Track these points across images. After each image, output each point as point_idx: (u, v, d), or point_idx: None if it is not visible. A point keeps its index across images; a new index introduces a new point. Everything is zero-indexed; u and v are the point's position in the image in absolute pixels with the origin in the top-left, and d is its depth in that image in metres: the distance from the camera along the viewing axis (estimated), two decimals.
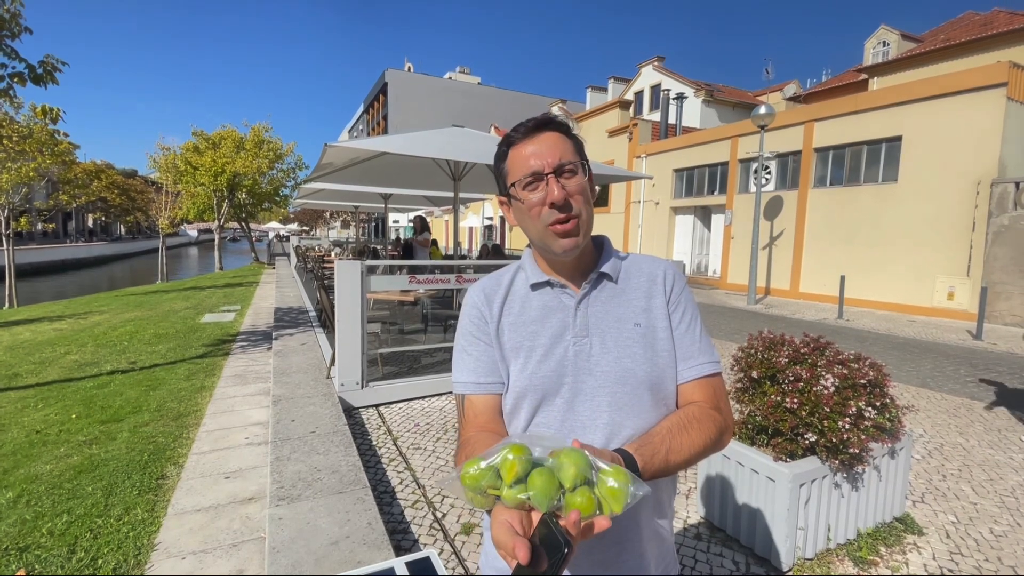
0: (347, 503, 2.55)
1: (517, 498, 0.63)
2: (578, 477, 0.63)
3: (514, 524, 0.62)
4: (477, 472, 0.66)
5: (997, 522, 2.89)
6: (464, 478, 0.66)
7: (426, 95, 52.69)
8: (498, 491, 0.65)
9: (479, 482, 0.65)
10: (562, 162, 0.90)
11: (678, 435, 0.85)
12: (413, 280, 4.89)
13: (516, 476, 0.64)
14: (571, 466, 0.63)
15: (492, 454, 0.67)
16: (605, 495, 0.63)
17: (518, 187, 0.92)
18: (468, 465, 0.67)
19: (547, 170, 0.89)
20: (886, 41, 22.06)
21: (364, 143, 5.47)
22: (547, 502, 0.62)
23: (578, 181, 0.91)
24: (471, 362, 0.97)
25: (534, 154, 0.91)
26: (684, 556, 2.52)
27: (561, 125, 0.95)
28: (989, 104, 9.96)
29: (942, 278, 10.66)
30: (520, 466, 0.64)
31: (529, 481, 0.63)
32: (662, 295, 0.98)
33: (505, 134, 0.97)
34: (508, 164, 0.95)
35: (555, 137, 0.92)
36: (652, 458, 0.79)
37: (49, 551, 2.39)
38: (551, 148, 0.91)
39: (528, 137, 0.93)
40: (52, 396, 4.61)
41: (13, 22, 4.64)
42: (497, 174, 0.99)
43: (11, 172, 12.36)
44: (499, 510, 0.64)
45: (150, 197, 26.66)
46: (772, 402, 2.49)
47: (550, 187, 0.89)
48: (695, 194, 17.43)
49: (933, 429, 4.33)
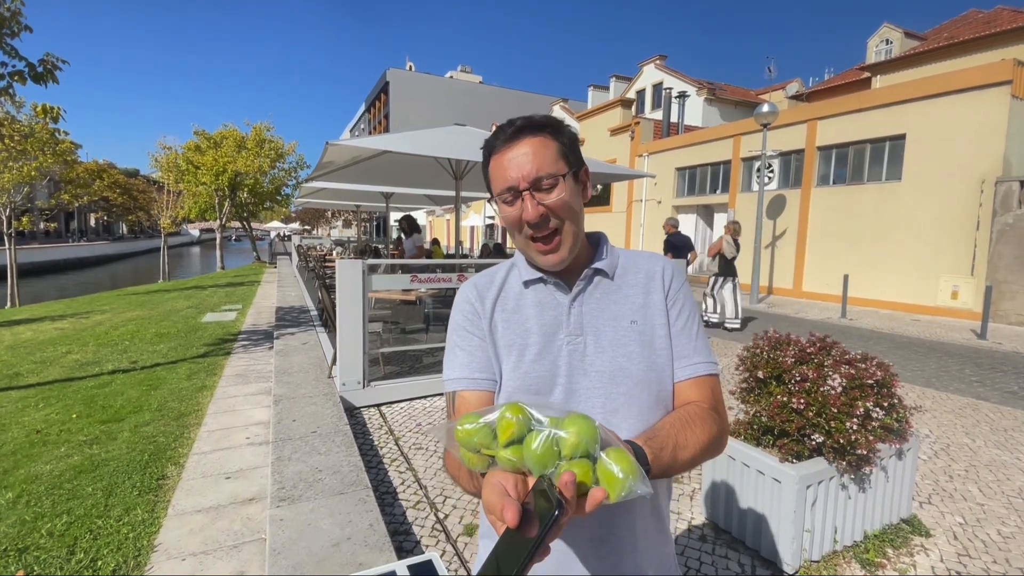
0: (348, 504, 2.53)
1: (510, 459, 0.60)
2: (579, 447, 0.58)
3: (507, 486, 0.58)
4: (472, 428, 0.62)
5: (1005, 523, 2.86)
6: (458, 432, 0.63)
7: (427, 94, 52.66)
8: (492, 451, 0.61)
9: (472, 438, 0.62)
10: (539, 175, 0.84)
11: (683, 431, 0.81)
12: (415, 279, 4.87)
13: (512, 437, 0.60)
14: (574, 434, 0.59)
15: (491, 411, 0.63)
16: (602, 477, 0.58)
17: (497, 200, 0.89)
18: (464, 420, 0.64)
19: (522, 185, 0.84)
20: (889, 39, 21.99)
21: (365, 141, 5.45)
22: (541, 468, 0.58)
23: (558, 194, 0.85)
24: (464, 357, 0.92)
25: (511, 165, 0.85)
26: (689, 558, 2.49)
27: (544, 127, 0.88)
28: (993, 102, 9.89)
29: (946, 277, 10.61)
30: (517, 427, 0.60)
31: (525, 443, 0.60)
32: (660, 291, 0.94)
33: (488, 137, 0.92)
34: (490, 172, 0.91)
35: (535, 144, 0.86)
36: (661, 452, 0.74)
37: (48, 552, 2.37)
38: (529, 159, 0.85)
39: (507, 144, 0.87)
40: (53, 396, 4.60)
41: (13, 20, 4.62)
42: (485, 177, 0.95)
43: (12, 171, 12.36)
44: (492, 472, 0.61)
45: (152, 196, 26.69)
46: (778, 402, 2.46)
47: (525, 204, 0.84)
48: (697, 193, 17.38)
49: (939, 430, 4.30)
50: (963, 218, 10.37)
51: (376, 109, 59.40)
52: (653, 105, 26.42)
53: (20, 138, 11.49)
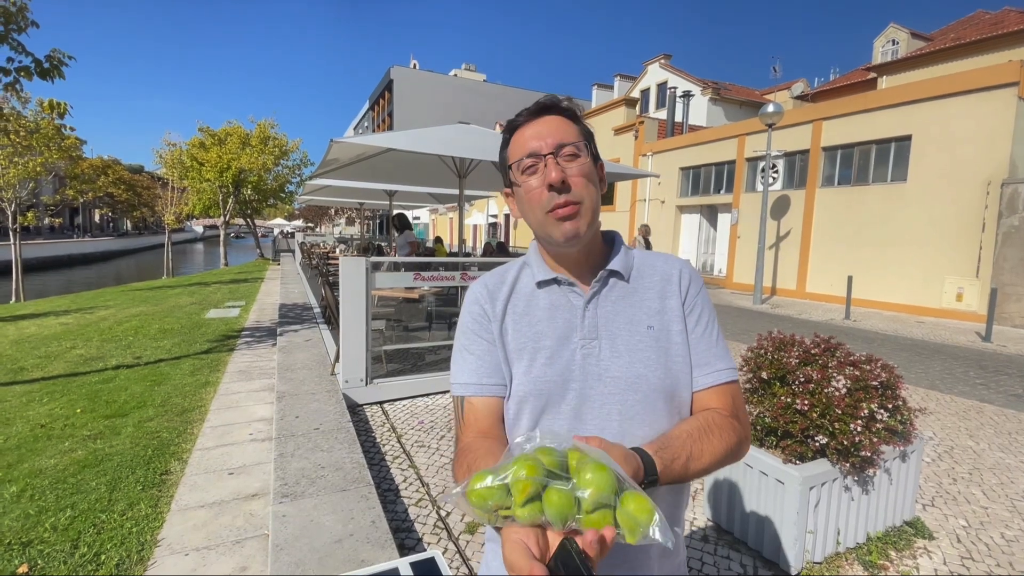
0: (351, 501, 2.54)
1: (531, 516, 0.59)
2: (599, 502, 0.58)
3: (529, 544, 0.57)
4: (485, 489, 0.60)
5: (1008, 527, 2.85)
6: (471, 495, 0.61)
7: (431, 92, 52.66)
8: (509, 512, 0.60)
9: (487, 500, 0.60)
10: (562, 142, 0.85)
11: (698, 441, 0.79)
12: (418, 277, 4.87)
13: (528, 496, 0.59)
14: (594, 490, 0.58)
15: (501, 469, 0.61)
16: (623, 523, 0.58)
17: (516, 170, 0.88)
18: (475, 480, 0.62)
19: (545, 150, 0.84)
20: (895, 40, 21.87)
21: (370, 139, 5.45)
22: (563, 523, 0.58)
23: (580, 164, 0.85)
24: (473, 361, 0.90)
25: (534, 136, 0.86)
26: (691, 558, 2.48)
27: (566, 109, 0.89)
28: (1000, 104, 9.84)
29: (951, 279, 10.56)
30: (533, 487, 0.59)
31: (545, 500, 0.59)
32: (677, 296, 0.91)
33: (509, 120, 0.93)
34: (510, 148, 0.90)
35: (558, 120, 0.87)
36: (672, 463, 0.73)
37: (52, 546, 2.38)
38: (552, 130, 0.86)
39: (530, 120, 0.88)
40: (57, 390, 4.62)
41: (20, 16, 4.63)
42: (501, 163, 0.94)
43: (18, 167, 12.41)
44: (511, 529, 0.60)
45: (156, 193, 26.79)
46: (782, 403, 2.45)
47: (548, 168, 0.83)
48: (701, 193, 17.34)
49: (943, 432, 4.28)
50: (968, 220, 10.32)
51: (380, 107, 59.43)
52: (657, 104, 26.37)
53: (26, 134, 11.53)
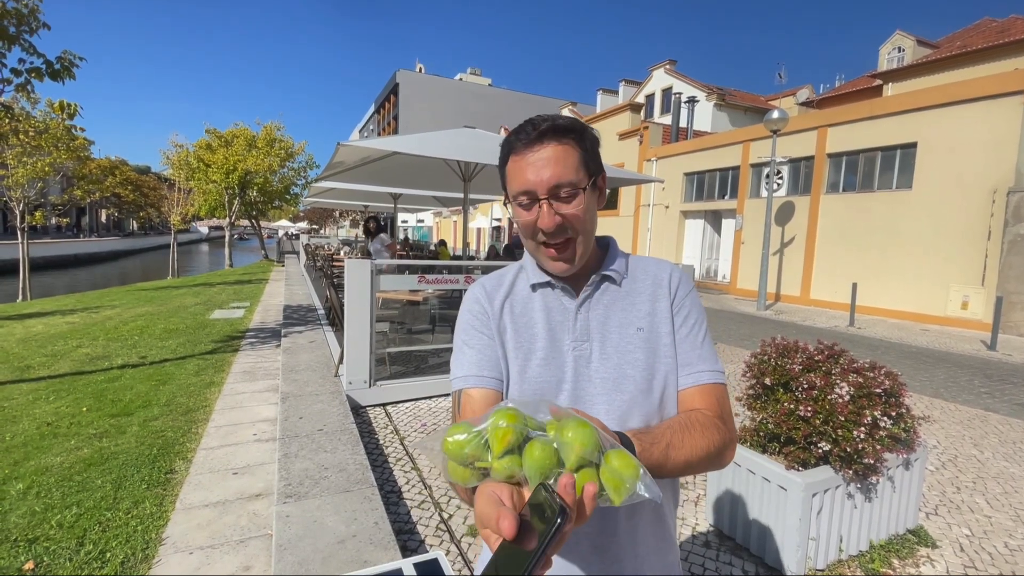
0: (354, 502, 2.55)
1: (506, 470, 0.55)
2: (582, 460, 0.55)
3: (502, 496, 0.53)
4: (462, 439, 0.56)
5: (1012, 536, 2.84)
6: (446, 445, 0.57)
7: (437, 96, 52.83)
8: (485, 464, 0.56)
9: (463, 450, 0.56)
10: (559, 183, 0.83)
11: (679, 432, 0.78)
12: (422, 280, 4.89)
13: (508, 446, 0.55)
14: (577, 445, 0.54)
15: (481, 420, 0.57)
16: (606, 481, 0.55)
17: (512, 202, 0.88)
18: (452, 430, 0.58)
19: (541, 193, 0.83)
20: (901, 47, 21.85)
21: (376, 142, 5.48)
22: (541, 478, 0.54)
23: (577, 204, 0.84)
24: (472, 355, 0.90)
25: (531, 168, 0.83)
26: (692, 564, 2.49)
27: (568, 131, 0.85)
28: (1006, 112, 9.82)
29: (956, 287, 10.52)
30: (513, 436, 0.55)
31: (525, 453, 0.55)
32: (667, 298, 0.93)
33: (509, 133, 0.90)
34: (508, 172, 0.88)
35: (558, 151, 0.83)
36: (652, 447, 0.72)
37: (58, 543, 2.40)
38: (550, 165, 0.83)
39: (528, 146, 0.84)
40: (63, 389, 4.65)
41: (31, 17, 4.68)
42: (500, 174, 0.94)
43: (27, 167, 12.52)
44: (485, 483, 0.56)
45: (163, 194, 26.91)
46: (785, 410, 2.45)
47: (543, 212, 0.83)
48: (706, 198, 17.34)
49: (947, 440, 4.26)
50: (974, 228, 10.29)
51: (385, 110, 59.67)
52: (662, 110, 26.39)
53: (35, 134, 11.63)
